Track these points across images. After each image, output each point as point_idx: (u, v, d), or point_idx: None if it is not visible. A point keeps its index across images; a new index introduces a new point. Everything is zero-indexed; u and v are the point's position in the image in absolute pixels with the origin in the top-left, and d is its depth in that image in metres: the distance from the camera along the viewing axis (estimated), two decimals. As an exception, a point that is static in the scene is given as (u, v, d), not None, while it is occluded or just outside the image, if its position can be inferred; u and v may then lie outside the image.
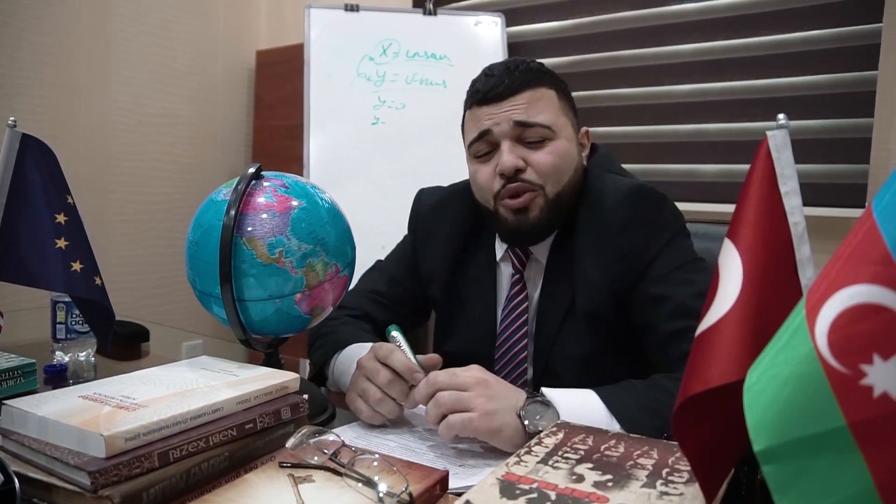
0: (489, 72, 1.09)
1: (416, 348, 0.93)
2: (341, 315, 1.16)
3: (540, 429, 0.78)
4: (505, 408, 0.81)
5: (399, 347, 0.91)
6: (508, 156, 1.04)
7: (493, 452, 0.82)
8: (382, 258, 1.33)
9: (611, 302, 1.04)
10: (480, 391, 0.82)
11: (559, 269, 1.10)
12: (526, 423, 0.80)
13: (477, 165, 1.10)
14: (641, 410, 0.83)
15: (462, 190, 1.21)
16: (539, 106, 1.05)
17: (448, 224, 1.22)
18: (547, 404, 0.82)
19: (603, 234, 1.04)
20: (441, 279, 1.21)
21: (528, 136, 1.05)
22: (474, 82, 1.11)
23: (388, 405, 0.89)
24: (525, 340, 1.12)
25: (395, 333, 0.93)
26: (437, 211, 1.25)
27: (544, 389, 0.85)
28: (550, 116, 1.06)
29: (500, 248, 1.18)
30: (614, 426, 0.81)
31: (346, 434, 0.85)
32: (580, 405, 0.83)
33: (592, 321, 1.05)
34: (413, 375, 0.88)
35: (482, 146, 1.08)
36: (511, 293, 1.15)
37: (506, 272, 1.18)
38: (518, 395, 0.84)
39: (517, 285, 1.14)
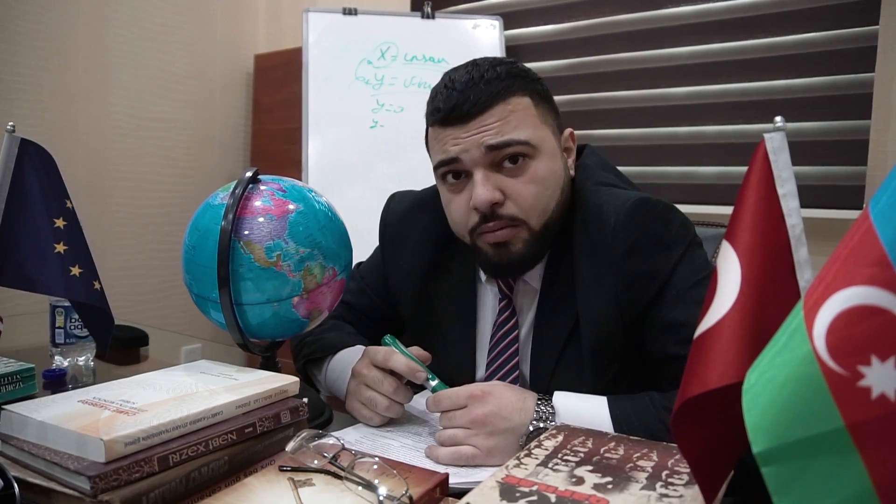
0: (450, 84, 0.93)
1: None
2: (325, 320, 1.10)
3: None
4: (505, 442, 0.81)
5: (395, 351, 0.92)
6: (483, 189, 0.90)
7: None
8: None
9: (620, 333, 0.92)
10: (479, 429, 0.82)
11: (556, 296, 0.97)
12: None
13: (449, 195, 0.97)
14: (648, 435, 0.78)
15: (435, 196, 1.05)
16: (513, 121, 0.90)
17: (417, 234, 1.08)
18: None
19: (606, 259, 0.92)
20: (409, 297, 1.09)
21: (504, 155, 0.91)
22: (435, 95, 0.96)
23: (397, 409, 0.92)
24: (516, 372, 1.00)
25: (390, 341, 0.94)
26: (405, 219, 1.10)
27: (556, 396, 0.84)
28: (528, 131, 0.91)
29: None
30: None
31: (346, 437, 0.85)
32: (589, 420, 0.81)
33: (600, 357, 0.93)
34: (416, 375, 0.89)
35: (450, 170, 0.95)
36: (499, 320, 1.02)
37: (491, 293, 1.05)
38: (523, 416, 0.82)
39: (506, 311, 1.02)
